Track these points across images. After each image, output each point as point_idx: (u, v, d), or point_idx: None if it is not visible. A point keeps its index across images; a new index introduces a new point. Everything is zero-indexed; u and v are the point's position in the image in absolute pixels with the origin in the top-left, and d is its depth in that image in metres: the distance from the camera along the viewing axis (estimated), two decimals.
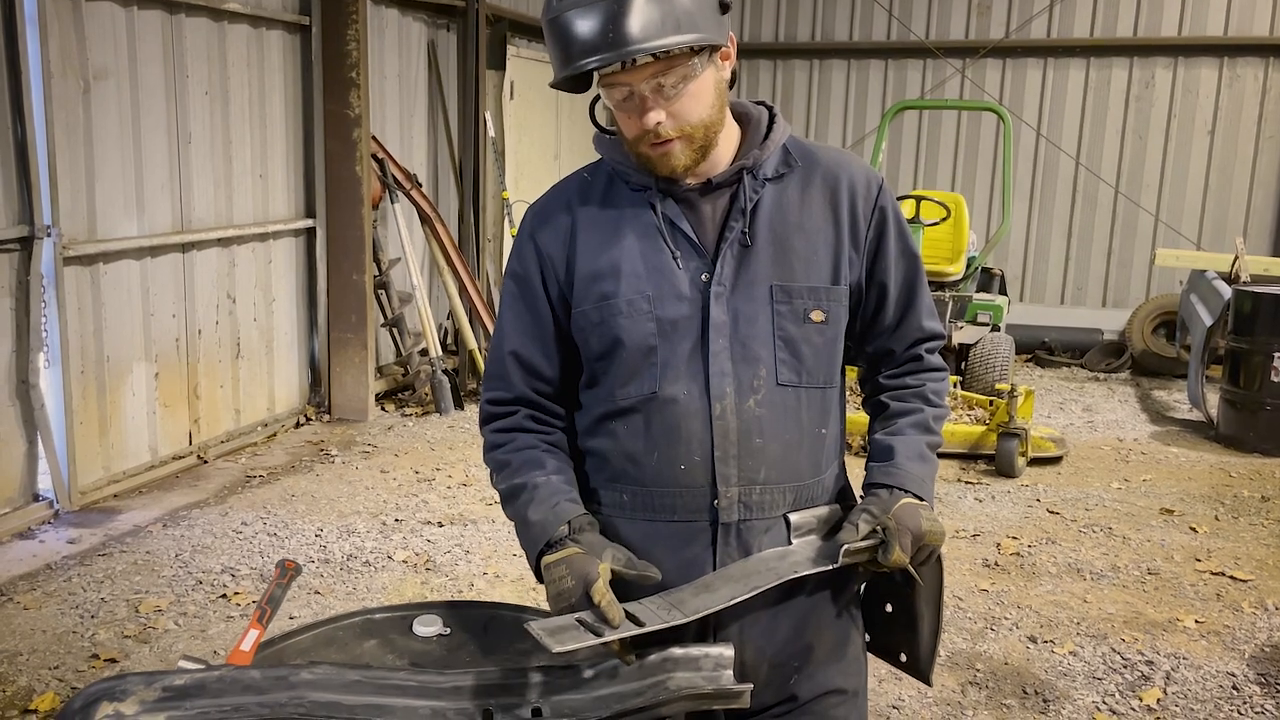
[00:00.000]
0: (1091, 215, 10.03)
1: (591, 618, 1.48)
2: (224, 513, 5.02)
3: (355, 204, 6.58)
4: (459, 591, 4.22)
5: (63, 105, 4.79)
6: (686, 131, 1.55)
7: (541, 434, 1.72)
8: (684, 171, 1.59)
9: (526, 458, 1.68)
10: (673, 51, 1.49)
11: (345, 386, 6.76)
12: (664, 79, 1.51)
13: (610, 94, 1.56)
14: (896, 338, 1.75)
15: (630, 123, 1.56)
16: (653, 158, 1.58)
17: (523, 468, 1.67)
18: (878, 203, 1.68)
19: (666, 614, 1.51)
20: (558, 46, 1.51)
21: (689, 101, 1.53)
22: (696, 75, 1.53)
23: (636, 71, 1.50)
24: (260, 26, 6.06)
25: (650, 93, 1.52)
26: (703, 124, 1.56)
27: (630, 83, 1.52)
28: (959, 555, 4.71)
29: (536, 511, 1.62)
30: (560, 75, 1.53)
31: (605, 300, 1.62)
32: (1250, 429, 6.56)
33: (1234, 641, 3.93)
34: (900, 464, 1.67)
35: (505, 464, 1.70)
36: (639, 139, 1.57)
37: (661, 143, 1.55)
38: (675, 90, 1.52)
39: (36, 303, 4.70)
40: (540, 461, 1.68)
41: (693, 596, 1.55)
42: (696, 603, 1.53)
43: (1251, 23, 9.39)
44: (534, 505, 1.63)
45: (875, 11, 10.37)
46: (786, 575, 1.58)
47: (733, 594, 1.55)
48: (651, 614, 1.51)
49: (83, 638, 3.76)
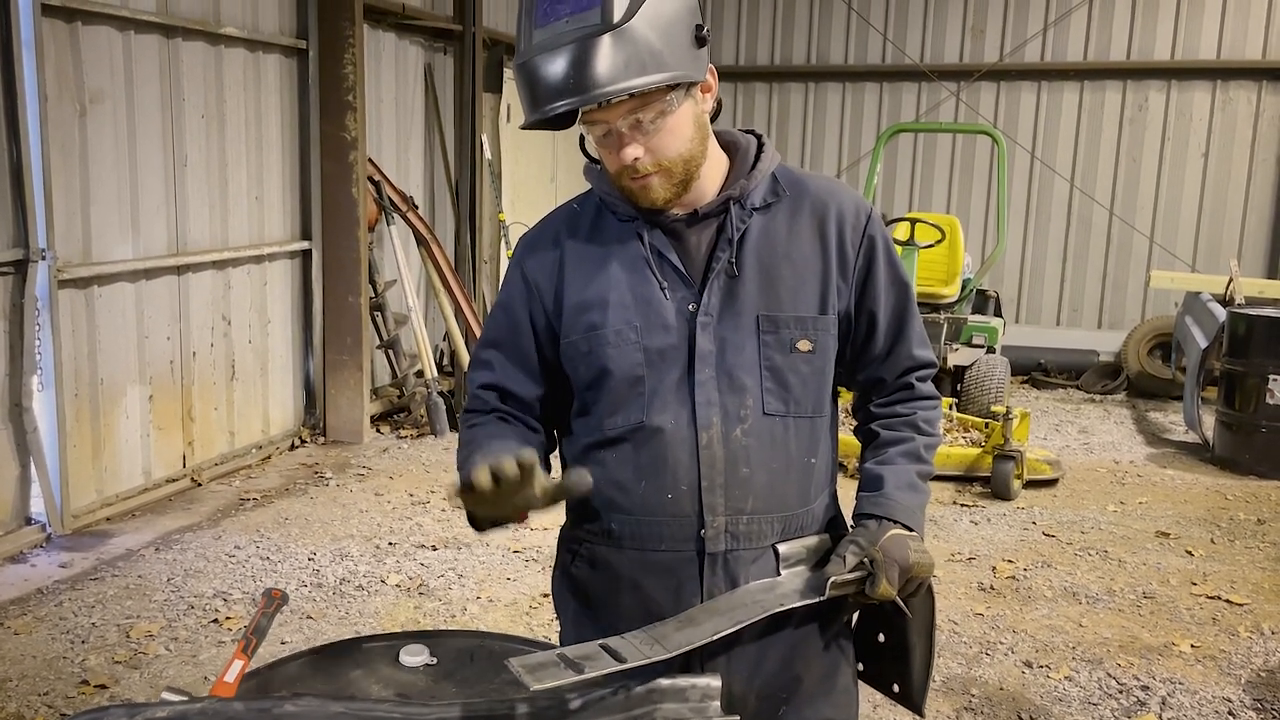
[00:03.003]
0: (1086, 237, 10.06)
1: (572, 654, 1.47)
2: (217, 536, 5.00)
3: (351, 226, 6.59)
4: (452, 616, 4.20)
5: (58, 128, 4.80)
6: (665, 166, 1.56)
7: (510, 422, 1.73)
8: (665, 204, 1.60)
9: (488, 430, 1.70)
10: (650, 91, 1.50)
11: (340, 409, 6.75)
12: (640, 115, 1.52)
13: (591, 130, 1.57)
14: (887, 366, 1.74)
15: (610, 158, 1.58)
16: (634, 190, 1.59)
17: (481, 436, 1.69)
18: (866, 231, 1.67)
19: (649, 649, 1.50)
20: (527, 90, 1.52)
21: (666, 137, 1.54)
22: (673, 110, 1.53)
23: (612, 110, 1.51)
24: (257, 50, 6.09)
25: (627, 129, 1.53)
26: (681, 158, 1.57)
27: (607, 120, 1.53)
28: (954, 579, 4.69)
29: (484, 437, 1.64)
30: (530, 119, 1.54)
31: (593, 331, 1.63)
32: (1246, 451, 6.56)
33: (1230, 666, 3.91)
34: (889, 494, 1.66)
35: (469, 441, 1.71)
36: (620, 173, 1.58)
37: (641, 177, 1.56)
38: (653, 126, 1.53)
39: (30, 326, 4.69)
40: (500, 431, 1.69)
41: (676, 631, 1.54)
42: (679, 637, 1.52)
43: (1244, 46, 9.46)
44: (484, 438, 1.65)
45: (870, 35, 10.43)
46: (772, 608, 1.57)
47: (716, 628, 1.54)
48: (633, 649, 1.50)
49: (73, 663, 3.74)
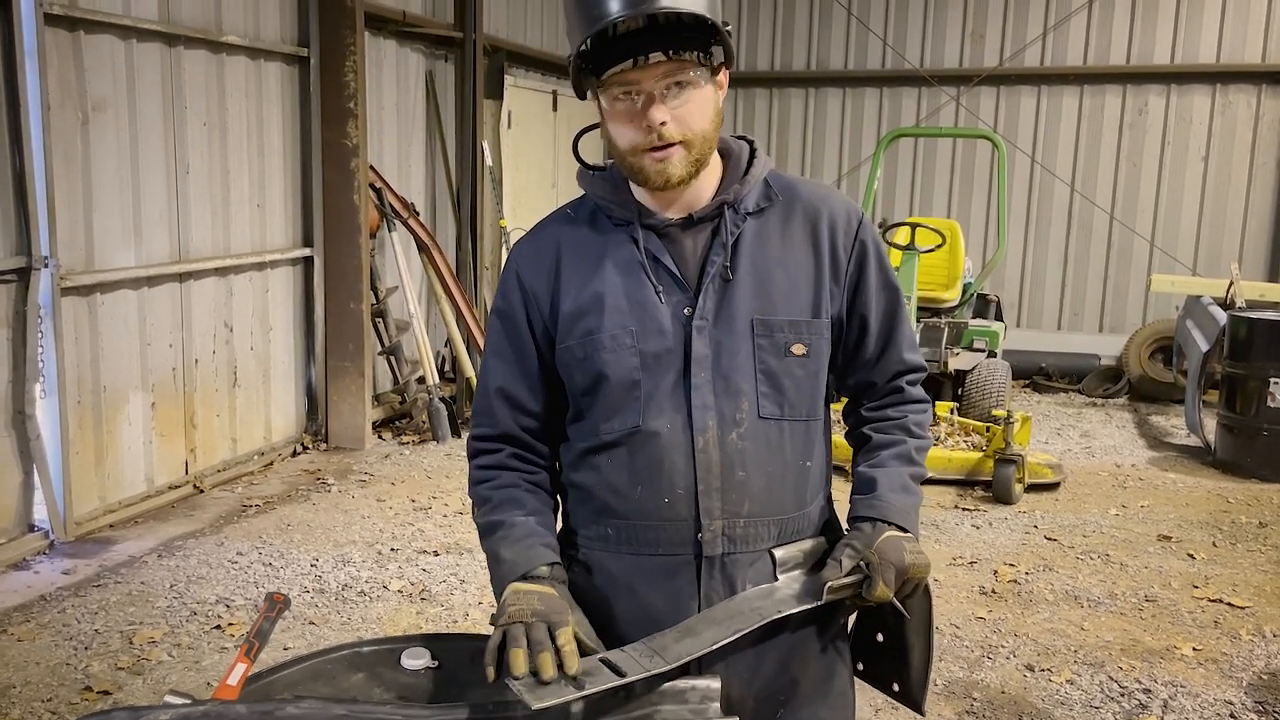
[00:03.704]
0: (1087, 241, 10.08)
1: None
2: (219, 542, 5.02)
3: (353, 233, 6.61)
4: (454, 621, 4.21)
5: (61, 137, 4.82)
6: (688, 138, 1.55)
7: (524, 473, 1.72)
8: (678, 184, 1.58)
9: (507, 495, 1.69)
10: (685, 57, 1.51)
11: (342, 415, 6.76)
12: (679, 77, 1.53)
13: (613, 95, 1.55)
14: (878, 370, 1.76)
15: (631, 127, 1.56)
16: (649, 168, 1.57)
17: (502, 505, 1.68)
18: (858, 236, 1.69)
19: (649, 661, 1.50)
20: (582, 7, 1.51)
21: (693, 108, 1.55)
22: (701, 85, 1.55)
23: (648, 70, 1.52)
24: (258, 58, 6.12)
25: (659, 92, 1.53)
26: (702, 134, 1.57)
27: (639, 80, 1.52)
28: (956, 582, 4.70)
29: (509, 550, 1.62)
30: (587, 32, 1.50)
31: (589, 335, 1.63)
32: (1248, 454, 6.56)
33: (1232, 669, 3.91)
34: (883, 495, 1.67)
35: (486, 500, 1.71)
36: (637, 146, 1.56)
37: (662, 147, 1.55)
38: (682, 94, 1.54)
39: (33, 333, 4.71)
40: (520, 501, 1.68)
41: (675, 642, 1.54)
42: (679, 649, 1.52)
43: (1243, 50, 9.48)
44: (508, 543, 1.63)
45: (870, 40, 10.46)
46: (770, 615, 1.57)
47: (715, 638, 1.54)
48: (633, 662, 1.50)
49: (76, 670, 3.74)
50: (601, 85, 1.56)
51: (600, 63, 1.53)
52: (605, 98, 1.57)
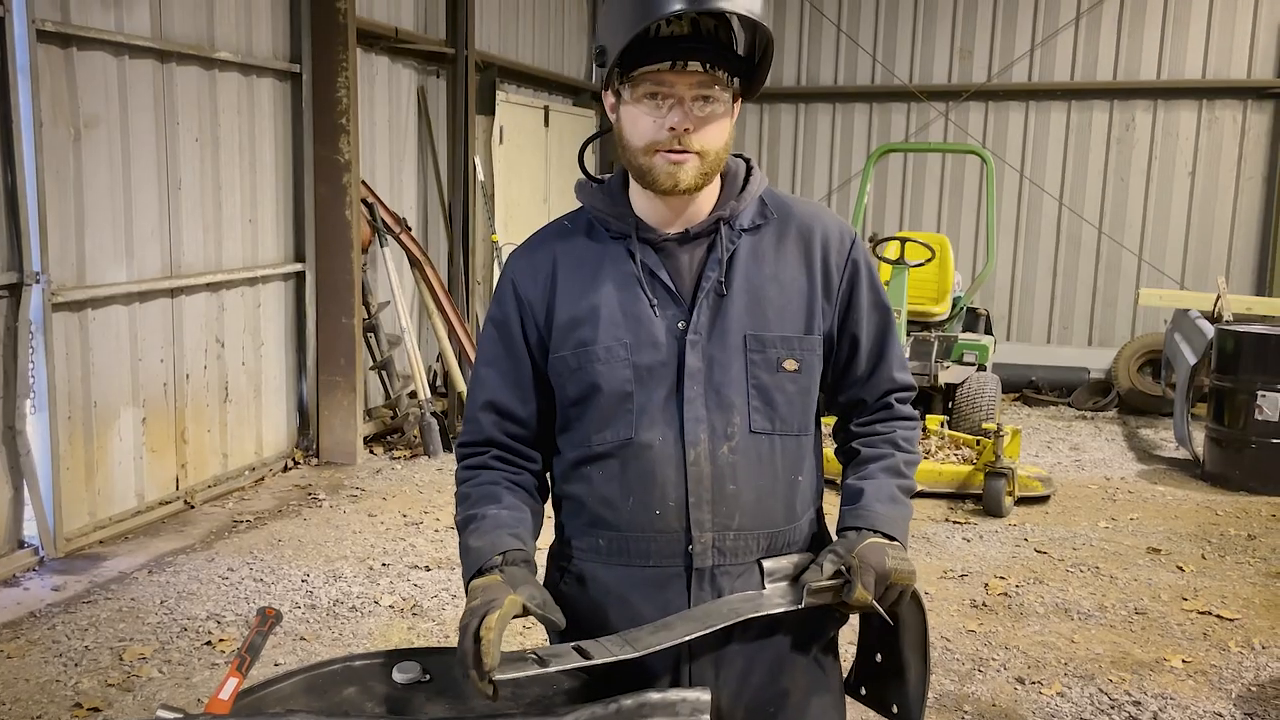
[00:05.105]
0: (1076, 255, 10.14)
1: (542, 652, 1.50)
2: (210, 558, 5.00)
3: (345, 248, 6.62)
4: (446, 636, 4.20)
5: (53, 153, 4.83)
6: (705, 150, 1.59)
7: (506, 472, 1.74)
8: (684, 192, 1.61)
9: (485, 492, 1.71)
10: (718, 74, 1.55)
11: (334, 430, 6.76)
12: (709, 92, 1.56)
13: (642, 91, 1.57)
14: (868, 388, 1.77)
15: (655, 123, 1.57)
16: (660, 168, 1.59)
17: (479, 501, 1.70)
18: (850, 255, 1.71)
19: (617, 649, 1.52)
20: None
21: (715, 126, 1.59)
22: (724, 104, 1.59)
23: (684, 75, 1.55)
24: (251, 74, 6.14)
25: (690, 99, 1.56)
26: (716, 152, 1.60)
27: (674, 83, 1.55)
28: (946, 595, 4.71)
29: (477, 539, 1.64)
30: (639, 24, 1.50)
31: (583, 347, 1.65)
32: (1236, 467, 6.59)
33: (1221, 681, 3.93)
34: (869, 505, 1.68)
35: (465, 496, 1.73)
36: (653, 144, 1.58)
37: (680, 151, 1.57)
38: (707, 108, 1.57)
39: (24, 349, 4.71)
40: (496, 496, 1.70)
41: (649, 635, 1.57)
42: (651, 640, 1.55)
43: (1229, 66, 9.57)
44: (477, 534, 1.65)
45: (860, 56, 10.53)
46: (747, 614, 1.59)
47: (687, 631, 1.56)
48: (603, 649, 1.52)
49: (66, 686, 3.73)
50: (630, 80, 1.57)
51: (635, 60, 1.56)
52: (631, 92, 1.58)
